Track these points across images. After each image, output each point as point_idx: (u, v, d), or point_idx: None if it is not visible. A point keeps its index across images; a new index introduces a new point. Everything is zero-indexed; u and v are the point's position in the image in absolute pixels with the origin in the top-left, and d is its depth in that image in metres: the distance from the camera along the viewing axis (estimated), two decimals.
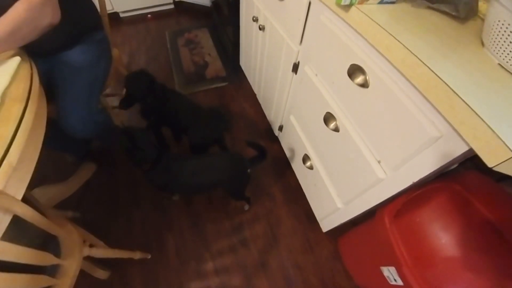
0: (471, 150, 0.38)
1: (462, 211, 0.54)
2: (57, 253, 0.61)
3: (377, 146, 0.58)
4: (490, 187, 0.59)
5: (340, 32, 0.58)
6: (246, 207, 1.10)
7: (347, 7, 0.52)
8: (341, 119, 0.68)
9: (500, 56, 0.43)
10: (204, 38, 1.80)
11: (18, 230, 0.48)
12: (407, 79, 0.44)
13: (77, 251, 0.67)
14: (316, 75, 0.76)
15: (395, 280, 0.70)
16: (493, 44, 0.44)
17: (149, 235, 1.07)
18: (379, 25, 0.47)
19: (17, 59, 0.57)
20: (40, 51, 0.72)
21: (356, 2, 0.49)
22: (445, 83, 0.37)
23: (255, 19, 1.04)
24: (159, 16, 2.07)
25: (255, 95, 1.44)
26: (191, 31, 1.82)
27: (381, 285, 0.78)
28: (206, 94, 1.54)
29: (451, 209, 0.58)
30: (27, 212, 0.45)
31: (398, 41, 0.44)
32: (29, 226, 0.47)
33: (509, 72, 0.42)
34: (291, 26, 0.78)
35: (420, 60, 0.40)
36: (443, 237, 0.57)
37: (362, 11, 0.50)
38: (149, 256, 1.00)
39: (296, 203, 1.16)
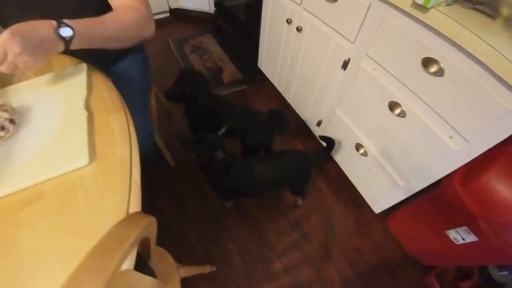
0: None
1: None
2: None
3: (452, 122, 0.73)
4: None
5: (410, 30, 0.72)
6: (300, 201, 1.20)
7: (424, 9, 0.66)
8: (408, 105, 0.82)
9: None
10: (211, 44, 1.87)
11: None
12: (488, 67, 0.59)
13: (176, 274, 0.66)
14: (374, 69, 0.89)
15: (463, 239, 0.85)
16: None
17: (208, 247, 1.11)
18: (459, 23, 0.61)
19: (83, 66, 0.60)
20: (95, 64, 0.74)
21: (436, 4, 0.63)
22: None
23: (289, 21, 1.15)
24: (156, 25, 2.09)
25: (279, 95, 1.54)
26: (195, 37, 1.88)
27: (445, 250, 0.94)
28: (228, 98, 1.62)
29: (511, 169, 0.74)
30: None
31: (479, 37, 0.58)
32: None
33: None
34: (345, 26, 0.91)
35: (498, 51, 0.55)
36: (508, 192, 0.73)
37: (440, 12, 0.64)
38: (215, 268, 1.05)
39: (342, 192, 1.29)
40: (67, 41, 0.47)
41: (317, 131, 1.33)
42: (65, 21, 0.47)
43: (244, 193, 1.05)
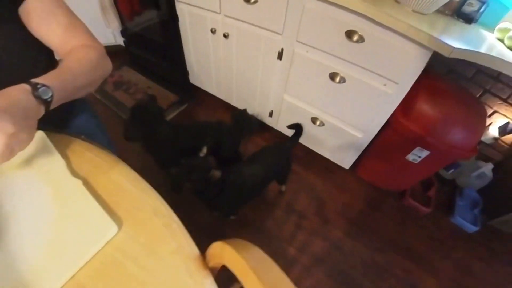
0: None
1: (437, 93, 0.95)
2: None
3: (382, 74, 0.91)
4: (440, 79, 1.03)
5: (329, 12, 0.87)
6: (284, 187, 1.29)
7: None
8: (345, 71, 0.98)
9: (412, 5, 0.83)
10: (132, 75, 1.77)
11: None
12: (394, 30, 0.78)
13: None
14: (307, 51, 1.03)
15: (419, 156, 1.08)
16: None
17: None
18: (365, 1, 0.78)
19: (39, 133, 0.52)
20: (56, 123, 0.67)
21: None
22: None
23: (214, 31, 1.21)
24: None
25: (222, 102, 1.59)
26: (112, 74, 1.75)
27: (409, 171, 1.17)
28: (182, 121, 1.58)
29: (431, 93, 0.98)
30: None
31: (383, 11, 0.76)
32: None
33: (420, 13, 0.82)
34: (271, 21, 1.02)
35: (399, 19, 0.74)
36: (438, 109, 0.97)
37: None
38: None
39: (313, 165, 1.44)
40: (48, 103, 0.40)
41: (272, 122, 1.43)
42: (38, 80, 0.40)
43: (243, 200, 1.08)
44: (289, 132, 1.16)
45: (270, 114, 1.39)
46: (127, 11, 1.52)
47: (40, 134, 0.52)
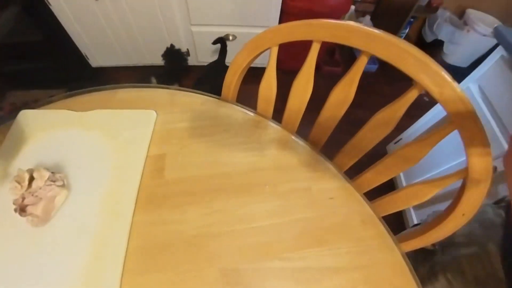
0: None
1: None
2: None
3: None
4: None
5: None
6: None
7: None
8: None
9: None
10: (24, 96, 1.69)
11: None
12: None
13: None
14: None
15: None
16: None
17: None
18: None
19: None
20: None
21: None
22: None
23: None
24: None
25: (133, 68, 1.69)
26: (1, 107, 1.63)
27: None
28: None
29: None
30: None
31: None
32: None
33: None
34: None
35: None
36: None
37: None
38: None
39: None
40: None
41: (192, 60, 1.63)
42: None
43: None
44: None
45: (188, 53, 1.59)
46: None
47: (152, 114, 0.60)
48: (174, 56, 1.46)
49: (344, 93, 0.53)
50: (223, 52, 1.40)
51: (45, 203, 0.46)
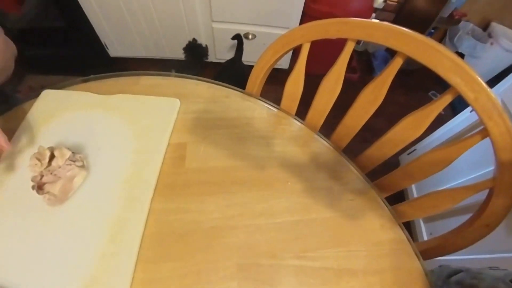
0: None
1: None
2: None
3: None
4: None
5: None
6: None
7: None
8: None
9: None
10: (40, 80, 1.71)
11: None
12: None
13: None
14: None
15: None
16: None
17: None
18: None
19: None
20: None
21: None
22: None
23: None
24: None
25: (152, 60, 1.70)
26: (18, 90, 1.66)
27: (332, 48, 1.53)
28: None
29: None
30: None
31: None
32: None
33: None
34: None
35: None
36: None
37: None
38: None
39: None
40: None
41: (210, 56, 1.63)
42: None
43: None
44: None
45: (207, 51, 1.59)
46: (9, 3, 1.44)
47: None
48: (195, 50, 1.47)
49: (374, 94, 0.52)
50: (239, 49, 1.39)
51: (64, 183, 0.45)
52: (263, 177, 0.51)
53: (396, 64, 0.47)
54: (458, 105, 1.55)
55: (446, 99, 0.45)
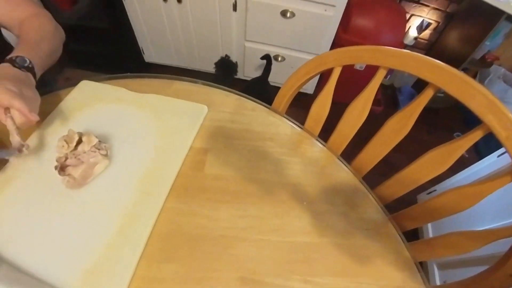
0: None
1: (365, 7, 1.31)
2: None
3: (321, 1, 1.23)
4: None
5: None
6: None
7: None
8: (292, 6, 1.28)
9: None
10: (78, 75, 1.81)
11: None
12: None
13: None
14: None
15: (360, 67, 1.46)
16: None
17: None
18: None
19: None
20: None
21: None
22: None
23: None
24: None
25: (183, 70, 1.76)
26: (57, 79, 1.76)
27: (357, 79, 1.54)
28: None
29: (361, 8, 1.35)
30: None
31: None
32: None
33: None
34: None
35: None
36: (369, 19, 1.34)
37: None
38: None
39: None
40: (30, 69, 0.47)
41: (238, 73, 1.67)
42: (11, 55, 0.46)
43: None
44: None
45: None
46: (63, 1, 1.55)
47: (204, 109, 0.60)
48: (226, 66, 1.51)
49: (400, 124, 0.51)
50: (267, 69, 1.42)
51: (85, 168, 0.46)
52: (280, 193, 0.50)
53: (427, 96, 0.47)
54: (483, 149, 1.49)
55: (475, 136, 0.43)
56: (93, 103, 0.58)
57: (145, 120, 0.56)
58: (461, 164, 1.24)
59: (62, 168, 0.45)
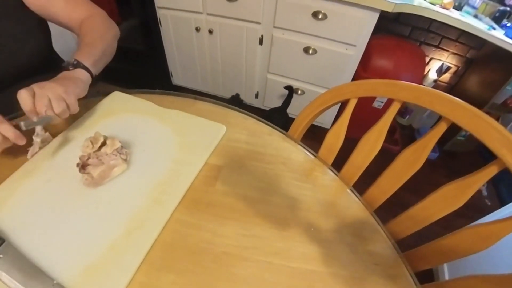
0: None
1: (386, 48, 1.36)
2: None
3: (343, 40, 1.29)
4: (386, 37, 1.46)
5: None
6: None
7: None
8: (315, 44, 1.34)
9: None
10: (109, 90, 1.93)
11: None
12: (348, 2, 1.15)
13: None
14: (283, 33, 1.37)
15: (382, 101, 1.48)
16: None
17: None
18: None
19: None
20: None
21: None
22: None
23: (198, 29, 1.49)
24: None
25: (205, 94, 1.84)
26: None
27: (375, 117, 1.54)
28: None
29: (381, 49, 1.40)
30: None
31: None
32: None
33: None
34: (250, 13, 1.33)
35: None
36: (388, 60, 1.38)
37: None
38: None
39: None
40: (85, 67, 0.55)
41: (258, 102, 1.73)
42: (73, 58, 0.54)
43: None
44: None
45: (256, 96, 1.69)
46: None
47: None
48: (235, 103, 1.57)
49: (414, 157, 0.51)
50: (287, 100, 1.46)
51: (104, 169, 0.48)
52: (287, 217, 0.50)
53: (440, 129, 0.47)
54: (507, 197, 1.42)
55: (490, 171, 0.42)
56: (121, 111, 0.62)
57: (166, 133, 0.59)
58: (483, 210, 1.18)
59: (83, 166, 0.47)
